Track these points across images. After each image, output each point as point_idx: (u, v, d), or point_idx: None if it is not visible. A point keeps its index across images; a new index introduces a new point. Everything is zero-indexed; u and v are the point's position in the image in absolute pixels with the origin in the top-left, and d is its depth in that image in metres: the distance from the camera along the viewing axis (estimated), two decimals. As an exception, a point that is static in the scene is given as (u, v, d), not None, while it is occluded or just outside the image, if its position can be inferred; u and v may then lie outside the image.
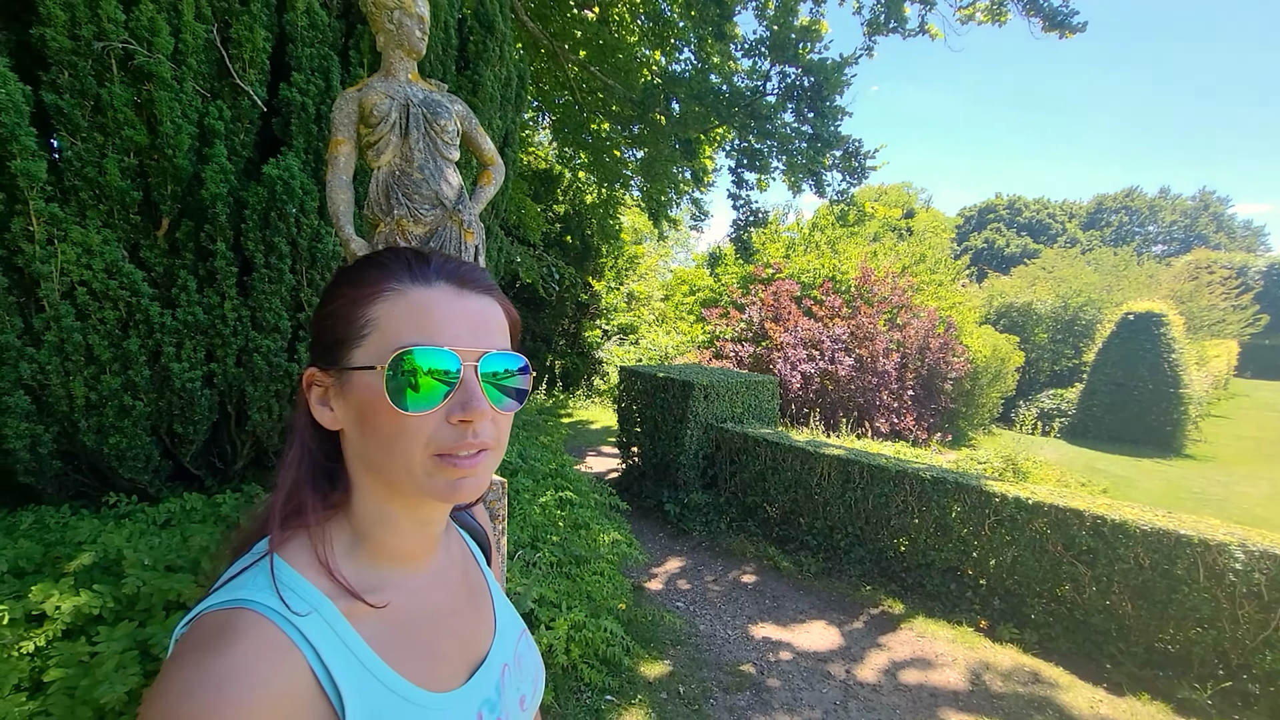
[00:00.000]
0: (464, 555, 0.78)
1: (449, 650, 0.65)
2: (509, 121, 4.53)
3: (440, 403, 0.56)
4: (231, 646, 0.48)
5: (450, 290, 0.59)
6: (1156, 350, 11.97)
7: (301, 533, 0.58)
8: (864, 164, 6.83)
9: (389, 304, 0.57)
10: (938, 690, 3.32)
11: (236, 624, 0.50)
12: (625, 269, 14.83)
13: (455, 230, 2.38)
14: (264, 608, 0.51)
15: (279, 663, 0.49)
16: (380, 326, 0.57)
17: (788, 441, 5.22)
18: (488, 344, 0.59)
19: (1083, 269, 20.31)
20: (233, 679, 0.46)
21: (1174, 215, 40.25)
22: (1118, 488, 8.62)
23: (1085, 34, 6.46)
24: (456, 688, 0.63)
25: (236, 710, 0.44)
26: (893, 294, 11.10)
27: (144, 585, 2.35)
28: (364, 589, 0.58)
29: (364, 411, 0.57)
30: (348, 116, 2.25)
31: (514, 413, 0.62)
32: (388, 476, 0.58)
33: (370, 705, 0.53)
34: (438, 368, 0.55)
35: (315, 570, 0.56)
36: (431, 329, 0.57)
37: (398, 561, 0.63)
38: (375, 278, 0.59)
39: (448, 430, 0.56)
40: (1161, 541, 3.38)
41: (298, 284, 3.41)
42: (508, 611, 0.78)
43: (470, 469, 0.57)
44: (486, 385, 0.58)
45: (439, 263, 0.61)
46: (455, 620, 0.68)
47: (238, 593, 0.52)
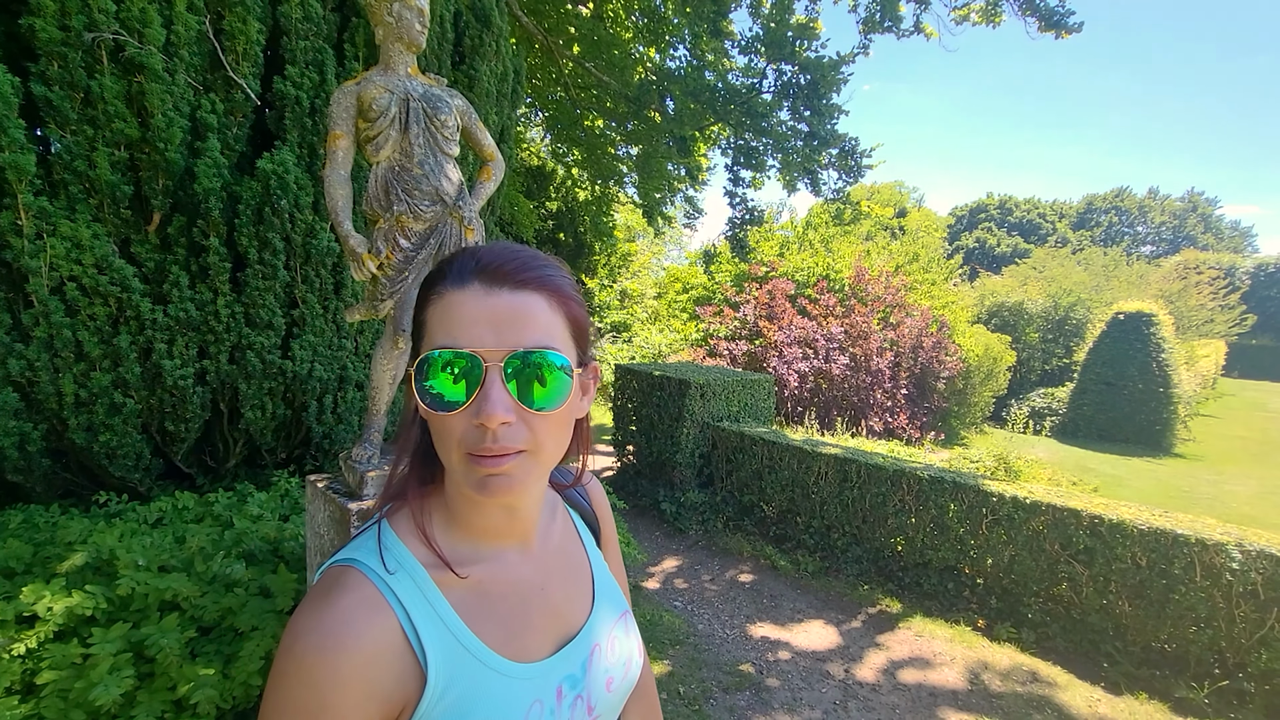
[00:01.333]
0: (566, 534, 0.79)
1: (536, 624, 0.67)
2: (504, 117, 4.49)
3: (464, 404, 0.57)
4: (339, 600, 0.55)
5: (480, 289, 0.58)
6: (1146, 350, 12.06)
7: (407, 505, 0.65)
8: (860, 162, 6.83)
9: (433, 308, 0.60)
10: (936, 690, 3.32)
11: (345, 580, 0.57)
12: (618, 267, 14.80)
13: (455, 227, 2.35)
14: (367, 568, 0.58)
15: (374, 619, 0.55)
16: (428, 330, 0.60)
17: (784, 440, 5.21)
18: (516, 342, 0.57)
19: (1073, 269, 20.45)
20: (338, 626, 0.53)
21: (1163, 216, 40.62)
22: (1109, 487, 8.68)
23: (1079, 34, 6.50)
24: (539, 660, 0.65)
25: (337, 653, 0.52)
26: (886, 293, 11.12)
27: (138, 586, 2.31)
28: (455, 561, 0.63)
29: (421, 407, 0.60)
30: (346, 110, 2.21)
31: (562, 411, 0.60)
32: (447, 466, 0.62)
33: (451, 665, 0.57)
34: (459, 369, 0.57)
35: (415, 539, 0.63)
36: (456, 330, 0.57)
37: (488, 538, 0.66)
38: (432, 281, 0.61)
39: (473, 432, 0.57)
40: (1159, 541, 3.39)
41: (292, 280, 3.36)
42: (610, 594, 0.79)
43: (496, 467, 0.57)
44: (514, 385, 0.57)
45: (482, 258, 0.60)
46: (545, 596, 0.70)
47: (352, 552, 0.60)
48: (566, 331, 0.62)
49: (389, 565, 0.59)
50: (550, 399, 0.59)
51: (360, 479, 2.17)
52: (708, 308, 11.60)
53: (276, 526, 2.93)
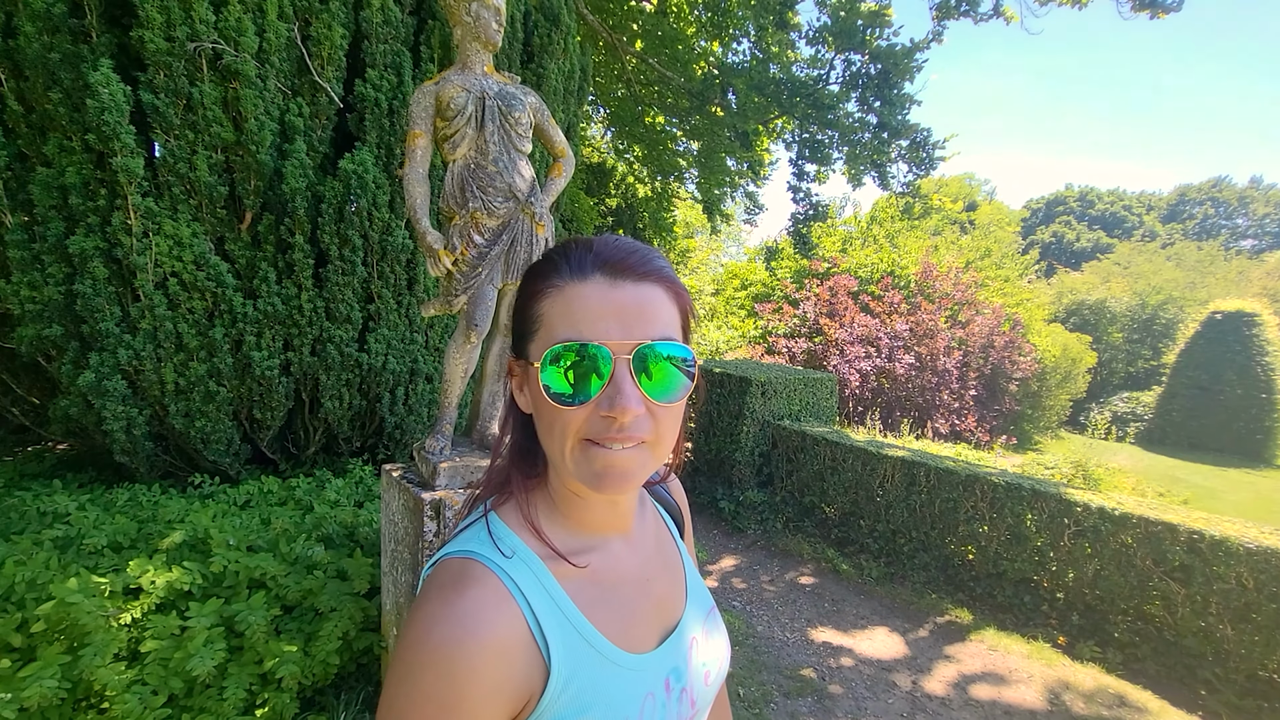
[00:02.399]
0: (658, 527, 0.80)
1: (644, 615, 0.68)
2: (571, 114, 4.53)
3: (592, 397, 0.57)
4: (469, 590, 0.55)
5: (604, 282, 0.58)
6: (1247, 352, 11.13)
7: (511, 499, 0.66)
8: (932, 154, 6.55)
9: (551, 300, 0.59)
10: (1012, 708, 3.16)
11: (471, 571, 0.57)
12: (676, 263, 14.75)
13: (527, 223, 2.38)
14: (488, 560, 0.58)
15: (503, 610, 0.55)
16: (545, 323, 0.59)
17: (848, 441, 5.07)
18: (642, 334, 0.58)
19: (1162, 264, 19.08)
20: (470, 617, 0.53)
21: (1267, 207, 37.32)
22: (1200, 499, 8.07)
23: (1177, 13, 6.02)
24: (648, 651, 0.66)
25: (471, 643, 0.52)
26: (955, 290, 10.67)
27: (229, 564, 2.45)
28: (566, 552, 0.63)
29: (536, 400, 0.61)
30: (425, 110, 2.26)
31: (681, 404, 0.61)
32: (555, 460, 0.61)
33: (573, 656, 0.58)
34: (588, 362, 0.57)
35: (527, 531, 0.63)
36: (581, 323, 0.57)
37: (593, 530, 0.67)
38: (544, 273, 0.61)
39: (598, 421, 0.57)
40: (1269, 561, 3.12)
41: (369, 276, 3.49)
42: (699, 586, 0.80)
43: (618, 460, 0.58)
44: (642, 377, 0.58)
45: (600, 251, 0.60)
46: (650, 588, 0.71)
47: (468, 545, 0.60)
48: (679, 323, 0.63)
49: (508, 555, 0.60)
50: (675, 391, 0.59)
51: (433, 469, 2.23)
52: (767, 304, 11.42)
53: (352, 512, 3.05)
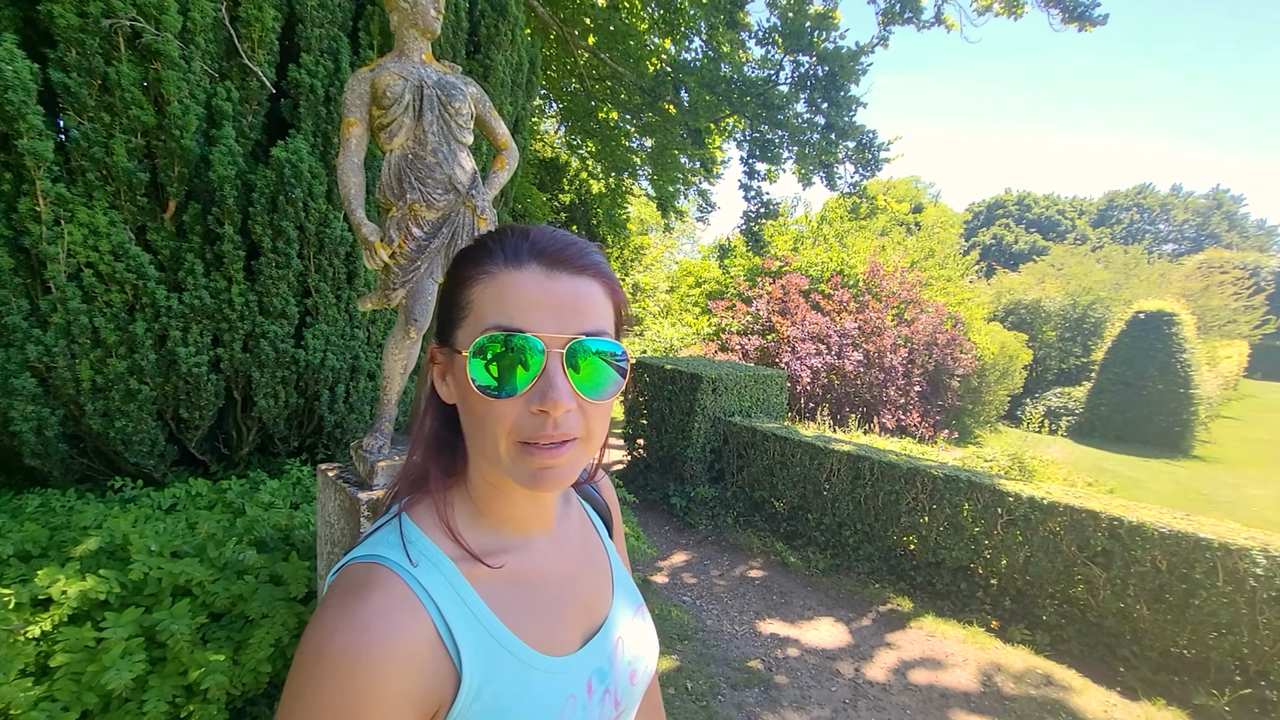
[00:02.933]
0: (584, 526, 0.78)
1: (566, 616, 0.66)
2: (519, 108, 4.46)
3: (522, 390, 0.55)
4: (371, 596, 0.52)
5: (539, 272, 0.57)
6: (1167, 350, 11.85)
7: (428, 497, 0.62)
8: (877, 156, 6.72)
9: (482, 287, 0.57)
10: (948, 691, 3.28)
11: (375, 577, 0.54)
12: (630, 260, 14.75)
13: (468, 216, 2.33)
14: (395, 564, 0.55)
15: (409, 615, 0.52)
16: (475, 310, 0.57)
17: (796, 436, 5.17)
18: (577, 328, 0.57)
19: (1092, 266, 20.12)
20: (372, 625, 0.50)
21: (1186, 214, 39.84)
22: (1125, 488, 8.56)
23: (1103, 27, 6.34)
24: (570, 653, 0.64)
25: (374, 651, 0.49)
26: (901, 289, 11.00)
27: (151, 571, 2.32)
28: (483, 552, 0.61)
29: (461, 391, 0.58)
30: (360, 97, 2.19)
31: (611, 401, 0.60)
32: (485, 455, 0.58)
33: (486, 662, 0.55)
34: (518, 353, 0.55)
35: (440, 532, 0.60)
36: (514, 312, 0.55)
37: (514, 528, 0.65)
38: (477, 258, 0.59)
39: (529, 419, 0.55)
40: (1180, 544, 3.32)
41: (305, 269, 3.37)
42: (626, 586, 0.78)
43: (552, 459, 0.56)
44: (573, 373, 0.56)
45: (537, 241, 0.59)
46: (573, 588, 0.68)
47: (375, 548, 0.57)
48: (613, 319, 0.62)
49: (416, 560, 0.56)
50: (606, 387, 0.58)
51: (371, 469, 2.17)
52: (720, 302, 11.54)
53: (288, 514, 2.94)
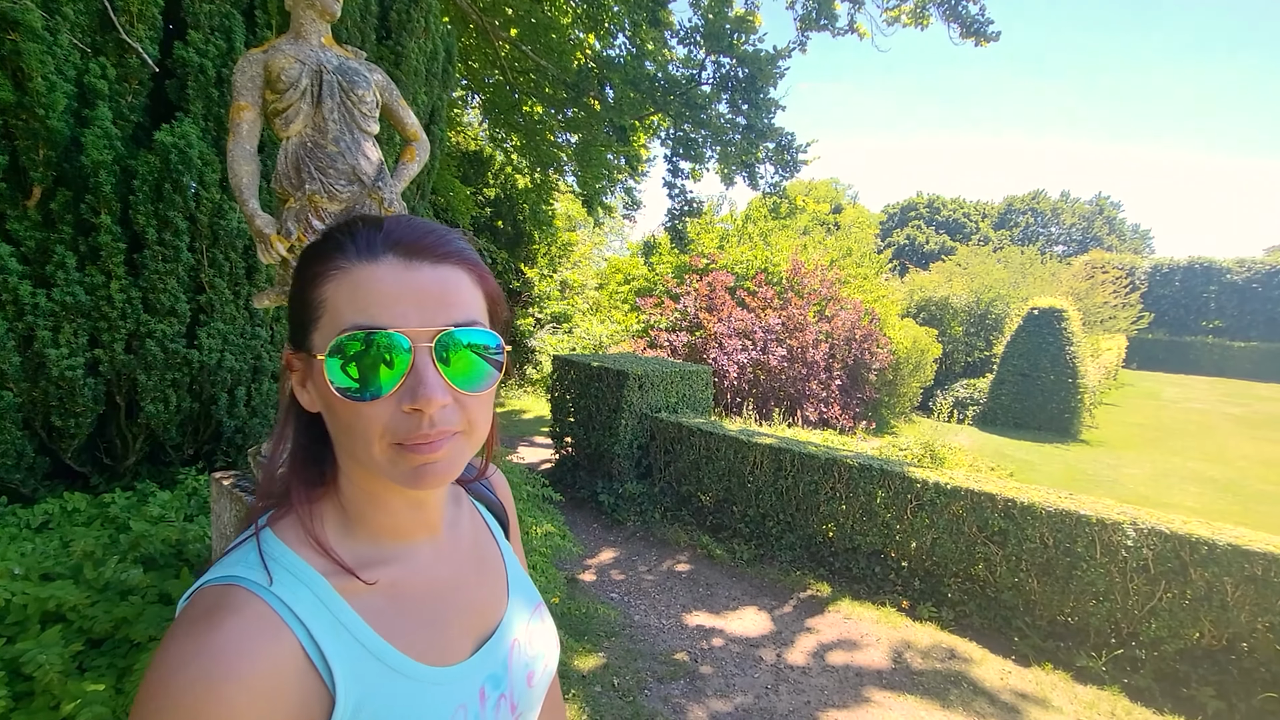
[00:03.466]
0: (476, 528, 0.75)
1: (453, 624, 0.63)
2: (435, 98, 4.32)
3: (390, 390, 0.52)
4: (225, 622, 0.48)
5: (397, 263, 0.53)
6: (1058, 343, 12.86)
7: (294, 510, 0.58)
8: (795, 157, 6.95)
9: (335, 284, 0.53)
10: (862, 670, 3.44)
11: (229, 600, 0.50)
12: (559, 256, 14.61)
13: (375, 209, 2.22)
14: (254, 584, 0.51)
15: (267, 638, 0.48)
16: (329, 309, 0.53)
17: (721, 431, 5.27)
18: (445, 320, 0.54)
19: (993, 266, 21.58)
20: (225, 652, 0.46)
21: (1073, 218, 43.42)
22: (1023, 471, 9.23)
23: (1003, 40, 6.81)
24: (459, 662, 0.61)
25: (226, 682, 0.45)
26: (822, 286, 11.43)
27: (14, 596, 2.10)
28: (359, 565, 0.57)
29: (324, 398, 0.55)
30: (251, 80, 2.05)
31: (491, 391, 0.58)
32: (360, 461, 0.55)
33: (364, 680, 0.52)
34: (382, 351, 0.51)
35: (309, 547, 0.56)
36: (374, 309, 0.52)
37: (394, 538, 0.61)
38: (325, 253, 0.55)
39: (403, 419, 0.52)
40: (1064, 521, 3.62)
41: (198, 263, 3.13)
42: (523, 586, 0.75)
43: (433, 455, 0.53)
44: (445, 366, 0.53)
45: (391, 230, 0.55)
46: (461, 594, 0.65)
47: (231, 569, 0.53)
48: (485, 308, 0.59)
49: (280, 578, 0.52)
50: (483, 379, 0.56)
51: (269, 476, 2.03)
52: (648, 299, 11.61)
53: (180, 528, 2.73)
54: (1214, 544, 3.24)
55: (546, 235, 13.31)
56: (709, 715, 2.97)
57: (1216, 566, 3.23)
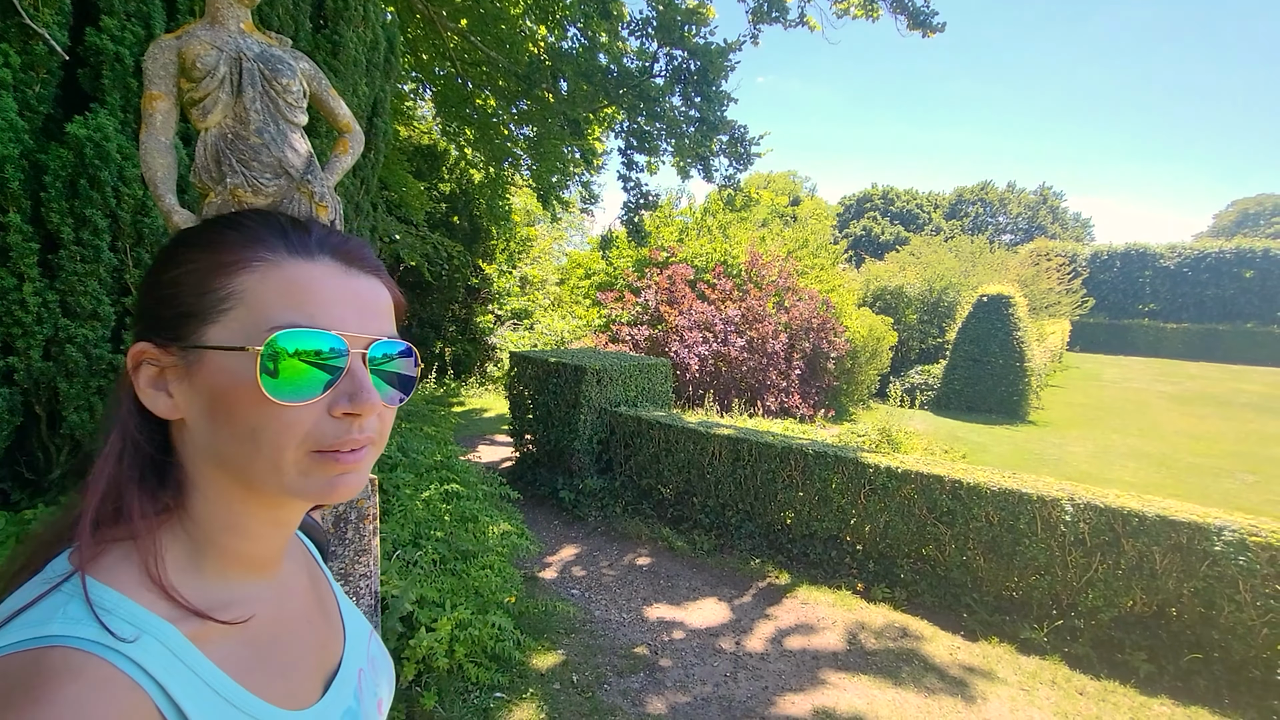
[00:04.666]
0: (306, 558, 0.70)
1: (306, 664, 0.59)
2: (377, 89, 4.19)
3: (322, 393, 0.49)
4: (58, 692, 0.38)
5: (337, 267, 0.53)
6: (1006, 329, 13.31)
7: (120, 545, 0.48)
8: (749, 150, 6.99)
9: (259, 276, 0.50)
10: (819, 653, 3.50)
11: (52, 666, 0.39)
12: (518, 252, 14.43)
13: (305, 204, 2.14)
14: (86, 642, 0.41)
15: (118, 705, 0.40)
16: (247, 302, 0.49)
17: (680, 423, 5.28)
18: (376, 329, 0.54)
19: (945, 255, 22.22)
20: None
21: (1019, 208, 45.01)
22: (975, 453, 9.54)
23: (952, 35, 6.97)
24: (316, 702, 0.57)
25: None
26: (780, 277, 11.57)
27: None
28: (210, 607, 0.49)
29: (220, 399, 0.49)
30: (164, 68, 1.94)
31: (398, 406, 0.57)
32: (247, 475, 0.50)
33: None
34: (322, 353, 0.49)
35: (146, 589, 0.47)
36: (314, 309, 0.50)
37: (246, 571, 0.55)
38: (240, 242, 0.51)
39: (330, 424, 0.50)
40: (1008, 500, 3.74)
41: (121, 264, 2.97)
42: (354, 612, 0.71)
43: (353, 464, 0.51)
44: (374, 375, 0.53)
45: (321, 234, 0.54)
46: (310, 630, 0.61)
47: (40, 629, 0.41)
48: (394, 322, 0.59)
49: (120, 633, 0.43)
50: (403, 390, 0.57)
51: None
52: (609, 293, 11.57)
53: (110, 542, 2.59)
54: (1144, 515, 3.39)
55: (504, 230, 13.13)
56: (668, 707, 2.98)
57: (1146, 537, 3.38)
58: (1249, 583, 3.16)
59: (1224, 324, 27.87)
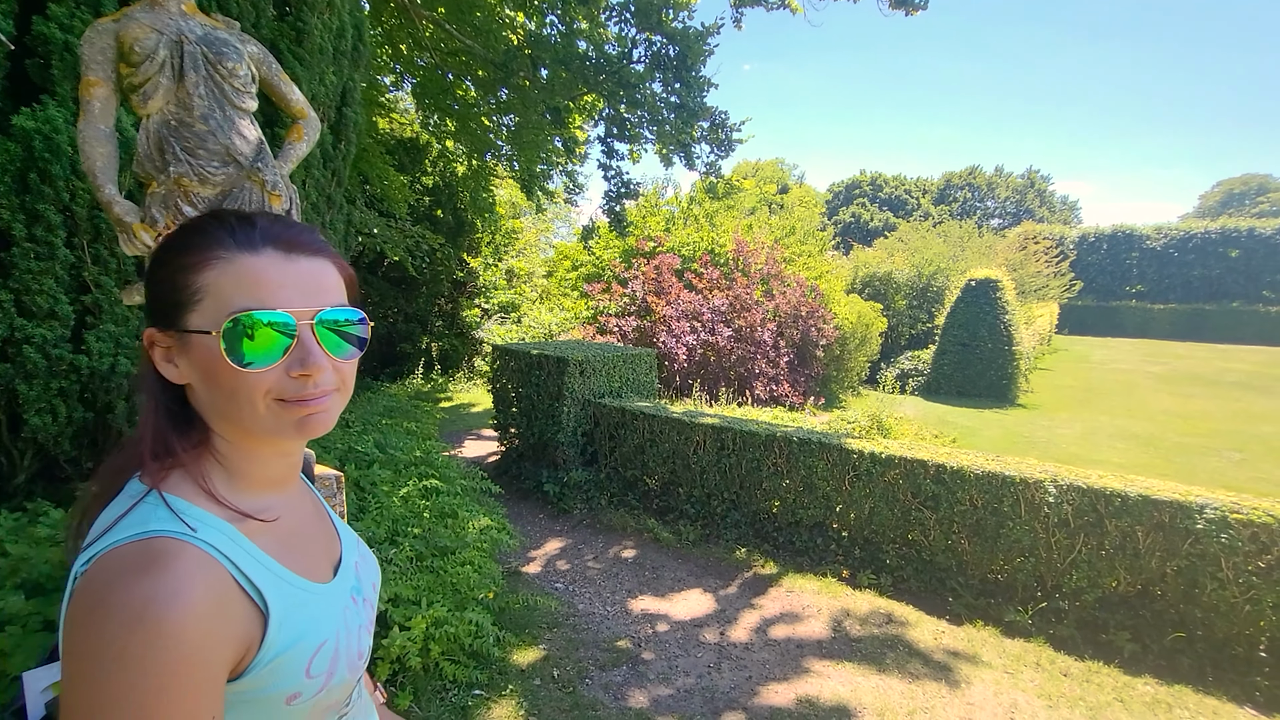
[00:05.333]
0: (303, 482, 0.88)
1: (318, 552, 0.77)
2: (346, 78, 4.09)
3: (279, 359, 0.63)
4: (170, 564, 0.55)
5: (278, 256, 0.64)
6: (994, 312, 13.32)
7: (175, 470, 0.64)
8: (730, 136, 6.91)
9: (218, 271, 0.62)
10: (804, 641, 3.47)
11: (162, 549, 0.56)
12: (503, 245, 14.30)
13: (256, 192, 2.07)
14: (178, 533, 0.58)
15: (210, 572, 0.57)
16: (211, 293, 0.62)
17: (665, 413, 5.24)
18: (321, 303, 0.66)
19: (933, 240, 22.20)
20: (184, 586, 0.54)
21: (1007, 191, 45.02)
22: (965, 437, 9.55)
23: (937, 22, 6.89)
24: (331, 579, 0.76)
25: (196, 608, 0.54)
26: (767, 264, 11.51)
27: None
28: (247, 510, 0.67)
29: (206, 369, 0.63)
30: (102, 52, 1.87)
31: (357, 358, 0.71)
32: (236, 422, 0.65)
33: (283, 598, 0.64)
34: (275, 325, 0.62)
35: (205, 499, 0.64)
36: (264, 294, 0.62)
37: (267, 487, 0.71)
38: (200, 245, 0.63)
39: (290, 382, 0.64)
40: (991, 483, 3.72)
41: (79, 260, 2.88)
42: (341, 523, 0.90)
43: (318, 407, 0.66)
44: (325, 338, 0.66)
45: (265, 227, 0.65)
46: (316, 528, 0.80)
47: (143, 527, 0.58)
48: (345, 291, 0.71)
49: (198, 528, 0.60)
50: (352, 348, 0.69)
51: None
52: (597, 285, 11.49)
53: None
54: (1126, 495, 3.38)
55: (489, 223, 12.99)
56: (650, 700, 2.95)
57: (1129, 517, 3.37)
58: (1231, 560, 3.15)
59: (1210, 304, 28.04)
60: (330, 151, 4.16)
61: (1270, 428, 10.29)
